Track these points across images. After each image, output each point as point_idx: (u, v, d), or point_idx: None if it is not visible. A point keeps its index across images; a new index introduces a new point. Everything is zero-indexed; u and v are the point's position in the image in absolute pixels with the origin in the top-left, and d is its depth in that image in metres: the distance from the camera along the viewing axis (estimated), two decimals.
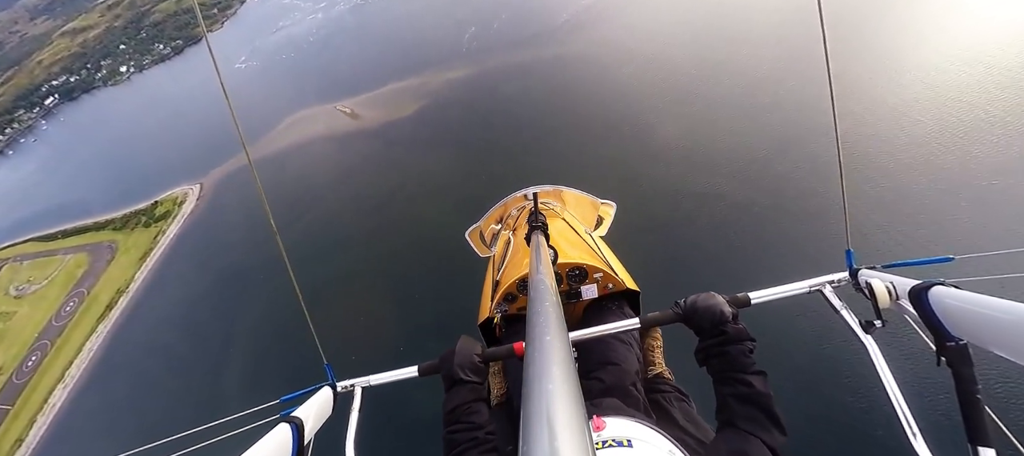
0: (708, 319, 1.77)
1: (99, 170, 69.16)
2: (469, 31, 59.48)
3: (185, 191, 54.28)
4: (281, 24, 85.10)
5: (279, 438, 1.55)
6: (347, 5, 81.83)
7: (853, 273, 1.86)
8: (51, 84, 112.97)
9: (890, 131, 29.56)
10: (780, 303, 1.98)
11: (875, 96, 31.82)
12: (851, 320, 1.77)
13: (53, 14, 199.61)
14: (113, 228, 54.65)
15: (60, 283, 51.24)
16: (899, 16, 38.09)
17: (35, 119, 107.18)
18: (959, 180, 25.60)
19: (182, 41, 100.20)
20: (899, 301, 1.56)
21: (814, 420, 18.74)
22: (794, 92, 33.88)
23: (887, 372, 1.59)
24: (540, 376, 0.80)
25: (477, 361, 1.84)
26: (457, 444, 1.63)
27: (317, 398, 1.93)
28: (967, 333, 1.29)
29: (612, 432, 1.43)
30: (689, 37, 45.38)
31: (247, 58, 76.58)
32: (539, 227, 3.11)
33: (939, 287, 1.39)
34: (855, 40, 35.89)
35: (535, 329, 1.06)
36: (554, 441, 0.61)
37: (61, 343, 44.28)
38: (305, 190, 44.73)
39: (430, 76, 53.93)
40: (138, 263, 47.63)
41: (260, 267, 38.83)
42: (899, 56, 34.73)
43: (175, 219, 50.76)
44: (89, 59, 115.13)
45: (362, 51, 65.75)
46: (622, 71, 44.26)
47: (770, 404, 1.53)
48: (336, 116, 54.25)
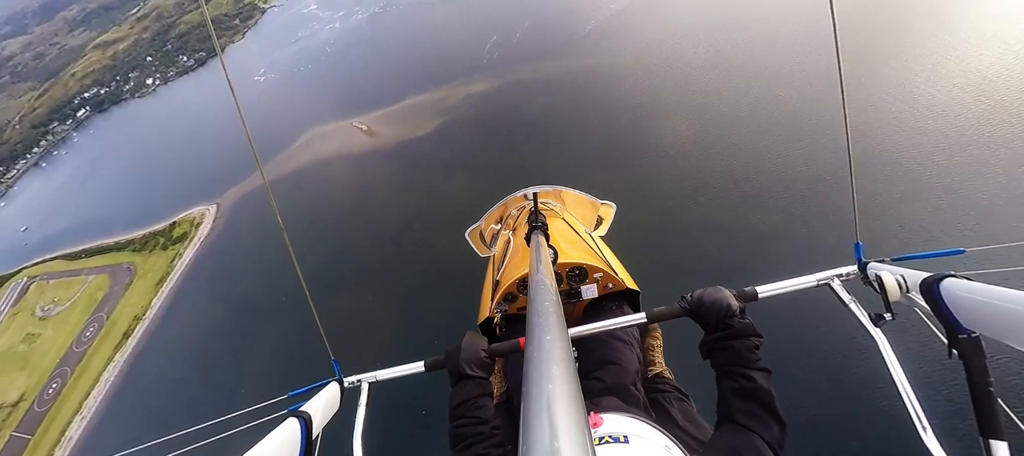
0: (714, 313, 1.74)
1: (122, 187, 69.71)
2: (490, 40, 56.50)
3: (202, 211, 53.46)
4: (300, 34, 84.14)
5: (288, 432, 1.55)
6: (365, 14, 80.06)
7: (862, 266, 1.83)
8: (83, 96, 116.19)
9: (899, 123, 29.14)
10: (788, 297, 1.92)
11: (885, 88, 31.46)
12: (860, 314, 1.74)
13: (90, 25, 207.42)
14: (133, 249, 54.42)
15: (82, 306, 51.21)
16: (911, 10, 37.93)
17: (68, 131, 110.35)
18: (969, 171, 25.12)
19: (205, 53, 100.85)
20: (909, 294, 1.55)
21: (822, 415, 18.35)
22: (804, 85, 33.64)
23: (897, 366, 1.57)
24: (540, 375, 0.80)
25: (483, 356, 1.82)
26: (463, 438, 1.63)
27: (325, 393, 1.93)
28: (979, 325, 1.28)
29: (609, 428, 1.43)
30: (705, 34, 43.80)
31: (265, 71, 75.78)
32: (539, 227, 3.10)
33: (950, 279, 1.37)
34: (866, 34, 35.18)
35: (535, 329, 1.06)
36: (554, 440, 0.62)
37: (80, 371, 43.81)
38: (320, 214, 42.79)
39: (449, 90, 51.24)
40: (155, 289, 46.88)
41: (272, 298, 37.28)
42: (910, 48, 34.37)
43: (191, 242, 49.90)
44: (118, 71, 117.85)
45: (379, 63, 63.66)
46: (650, 84, 40.58)
47: (771, 400, 1.50)
48: (352, 133, 52.24)
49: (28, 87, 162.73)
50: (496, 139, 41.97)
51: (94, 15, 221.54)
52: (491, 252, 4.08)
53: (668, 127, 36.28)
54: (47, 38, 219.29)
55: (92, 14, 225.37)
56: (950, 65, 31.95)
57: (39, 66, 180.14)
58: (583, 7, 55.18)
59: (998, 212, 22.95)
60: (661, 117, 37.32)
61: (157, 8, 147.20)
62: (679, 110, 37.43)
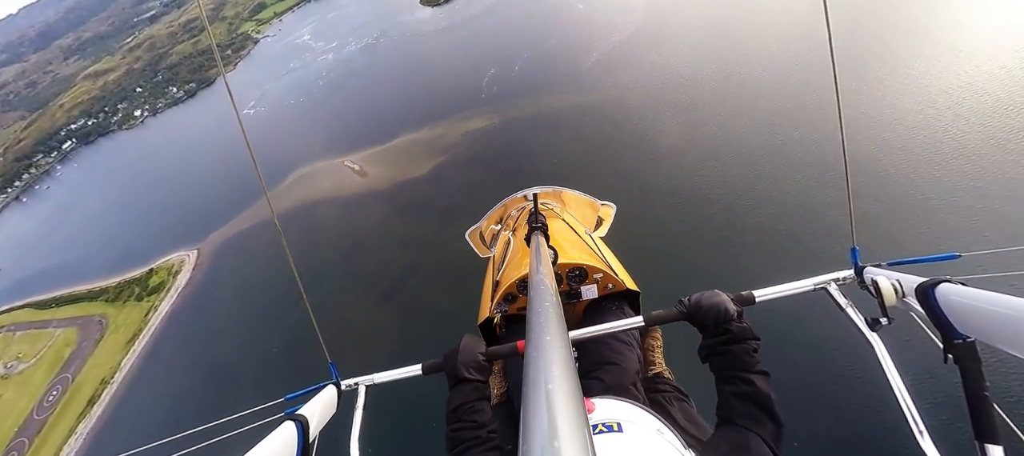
0: (712, 317, 1.75)
1: (101, 226, 66.14)
2: (488, 73, 54.23)
3: (182, 258, 49.85)
4: (292, 65, 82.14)
5: (284, 436, 1.56)
6: (358, 45, 78.30)
7: (858, 271, 1.84)
8: (70, 128, 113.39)
9: (894, 127, 29.06)
10: (785, 301, 1.95)
11: (880, 93, 31.48)
12: (857, 318, 1.74)
13: (84, 54, 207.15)
14: (105, 299, 50.53)
15: (47, 363, 47.04)
16: (906, 12, 38.00)
17: (52, 164, 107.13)
18: (965, 177, 25.21)
19: (195, 84, 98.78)
20: (905, 298, 1.56)
21: (819, 419, 18.33)
22: (799, 90, 33.62)
23: (893, 370, 1.58)
24: (540, 376, 0.81)
25: (481, 359, 1.81)
26: (460, 442, 1.62)
27: (321, 396, 1.93)
28: (975, 330, 1.29)
29: (601, 415, 1.42)
30: (708, 59, 43.10)
31: (256, 104, 73.26)
32: (539, 228, 3.09)
33: (946, 284, 1.39)
34: (861, 37, 35.57)
35: (535, 329, 1.06)
36: (554, 441, 0.61)
37: (40, 442, 39.45)
38: (307, 264, 39.26)
39: (446, 127, 48.57)
40: (125, 347, 42.86)
41: (250, 364, 33.71)
42: (905, 52, 34.42)
43: (168, 293, 46.14)
44: (107, 102, 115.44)
45: (373, 97, 61.21)
46: (656, 118, 38.13)
47: (770, 403, 1.53)
48: (343, 173, 49.24)
49: (17, 116, 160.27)
50: (497, 179, 38.96)
51: (89, 44, 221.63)
52: (491, 253, 4.07)
53: (667, 143, 35.26)
54: (41, 66, 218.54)
55: (87, 43, 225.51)
56: (947, 69, 31.89)
57: (31, 95, 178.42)
58: (583, 39, 53.19)
59: (993, 217, 22.87)
60: (667, 150, 34.70)
61: (151, 38, 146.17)
62: (675, 120, 36.26)
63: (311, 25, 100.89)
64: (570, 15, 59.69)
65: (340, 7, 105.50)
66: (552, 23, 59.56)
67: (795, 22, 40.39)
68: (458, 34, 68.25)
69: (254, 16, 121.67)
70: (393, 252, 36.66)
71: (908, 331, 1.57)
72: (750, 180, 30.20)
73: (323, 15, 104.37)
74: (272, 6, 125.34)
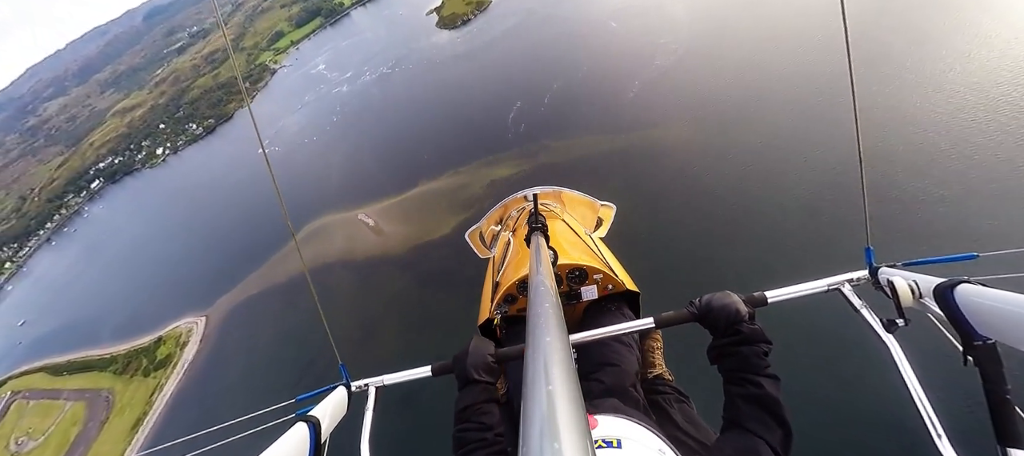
0: (723, 318, 1.72)
1: (118, 279, 64.35)
2: (514, 107, 48.56)
3: (190, 326, 46.38)
4: (306, 98, 79.01)
5: (297, 437, 1.56)
6: (373, 75, 74.31)
7: (873, 271, 1.80)
8: (98, 167, 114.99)
9: (910, 125, 28.67)
10: (798, 302, 1.90)
11: (896, 90, 31.11)
12: (872, 320, 1.69)
13: (119, 87, 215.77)
14: (114, 371, 47.81)
15: (54, 445, 44.49)
16: (922, 12, 37.40)
17: (82, 203, 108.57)
18: (982, 176, 24.69)
19: (214, 120, 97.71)
20: (922, 299, 1.52)
21: (834, 422, 17.89)
22: (816, 90, 33.05)
23: (910, 372, 1.52)
24: (540, 378, 0.80)
25: (490, 361, 1.81)
26: (466, 443, 1.62)
27: (332, 398, 1.94)
28: (995, 332, 1.25)
29: (602, 431, 1.42)
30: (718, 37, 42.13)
31: (269, 143, 70.22)
32: (539, 228, 3.07)
33: (965, 285, 1.35)
34: (876, 36, 34.90)
35: (535, 330, 1.05)
36: (554, 443, 0.61)
37: None
38: (314, 349, 34.54)
39: (469, 174, 43.15)
40: (129, 433, 39.39)
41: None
42: (921, 50, 33.89)
43: (174, 369, 42.54)
44: (132, 139, 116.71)
45: (388, 137, 56.55)
46: (717, 167, 31.69)
47: (779, 408, 1.48)
48: (358, 228, 44.52)
49: (57, 151, 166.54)
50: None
51: (124, 77, 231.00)
52: (491, 253, 4.06)
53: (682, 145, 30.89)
54: (81, 100, 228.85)
55: (122, 76, 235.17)
56: (964, 66, 31.18)
57: (70, 129, 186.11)
58: (622, 65, 46.80)
59: (1011, 216, 22.28)
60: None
61: (175, 71, 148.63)
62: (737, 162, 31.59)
63: (326, 53, 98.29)
64: (603, 37, 53.36)
65: (355, 34, 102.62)
66: (583, 46, 53.42)
67: (813, 25, 38.64)
68: (478, 60, 63.02)
69: (272, 45, 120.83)
70: (413, 340, 31.27)
71: (924, 333, 1.52)
72: (764, 177, 29.54)
73: (338, 43, 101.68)
74: (289, 34, 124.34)
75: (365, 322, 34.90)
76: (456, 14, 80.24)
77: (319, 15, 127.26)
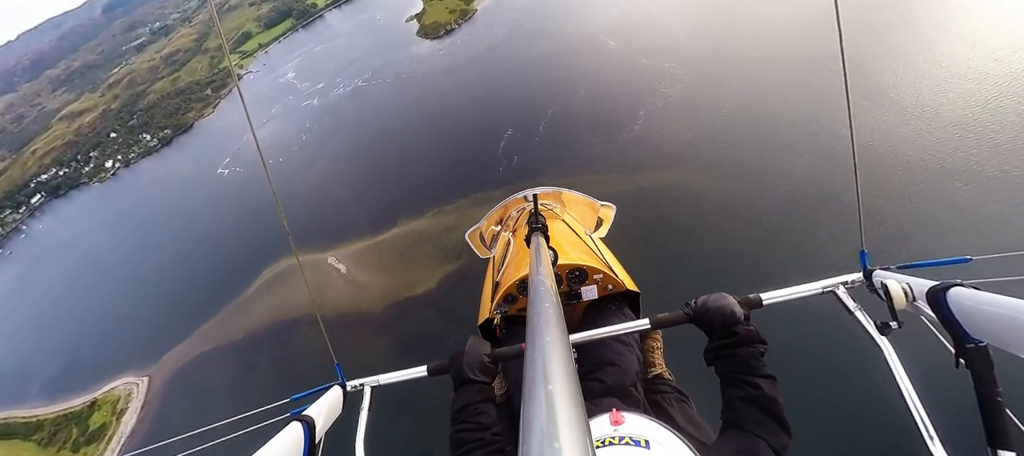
0: (719, 320, 1.73)
1: (51, 317, 56.34)
2: (505, 135, 43.84)
3: (130, 388, 39.82)
4: (273, 110, 72.09)
5: (291, 436, 1.55)
6: (347, 87, 68.18)
7: (867, 274, 1.82)
8: (39, 179, 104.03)
9: (905, 129, 28.63)
10: (792, 304, 1.90)
11: (890, 93, 31.10)
12: (866, 322, 1.72)
13: (71, 86, 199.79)
14: (38, 442, 40.59)
15: None
16: (918, 14, 37.47)
17: (20, 220, 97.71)
18: (976, 180, 24.73)
19: (170, 131, 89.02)
20: (915, 302, 1.55)
21: (827, 423, 17.95)
22: (809, 91, 32.93)
23: (903, 374, 1.56)
24: (540, 377, 0.80)
25: (486, 361, 1.80)
26: (464, 443, 1.62)
27: (327, 397, 1.90)
28: (987, 334, 1.28)
29: (631, 429, 1.41)
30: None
31: (230, 162, 63.36)
32: (539, 228, 3.06)
33: (958, 288, 1.38)
34: (872, 37, 34.99)
35: (535, 330, 1.06)
36: (554, 442, 0.61)
37: None
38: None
39: (456, 214, 38.23)
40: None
41: None
42: (916, 53, 33.89)
43: (109, 445, 36.12)
44: (80, 149, 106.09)
45: (364, 161, 50.88)
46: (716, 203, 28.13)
47: (777, 408, 1.50)
48: (327, 274, 38.94)
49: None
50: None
51: (77, 74, 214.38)
52: (491, 253, 4.02)
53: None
54: (29, 99, 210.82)
55: (76, 73, 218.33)
56: (958, 71, 31.27)
57: (15, 131, 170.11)
58: (624, 91, 42.66)
59: (1004, 221, 22.41)
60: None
61: (131, 73, 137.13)
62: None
63: (297, 60, 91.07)
64: (601, 57, 49.14)
65: (329, 38, 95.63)
66: (579, 66, 49.09)
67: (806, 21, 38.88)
68: (464, 76, 57.90)
69: (238, 48, 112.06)
70: (391, 431, 26.18)
71: (918, 335, 1.50)
72: (759, 182, 29.24)
73: (311, 48, 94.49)
74: (257, 36, 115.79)
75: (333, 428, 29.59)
76: (439, 23, 74.77)
77: (291, 16, 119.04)
